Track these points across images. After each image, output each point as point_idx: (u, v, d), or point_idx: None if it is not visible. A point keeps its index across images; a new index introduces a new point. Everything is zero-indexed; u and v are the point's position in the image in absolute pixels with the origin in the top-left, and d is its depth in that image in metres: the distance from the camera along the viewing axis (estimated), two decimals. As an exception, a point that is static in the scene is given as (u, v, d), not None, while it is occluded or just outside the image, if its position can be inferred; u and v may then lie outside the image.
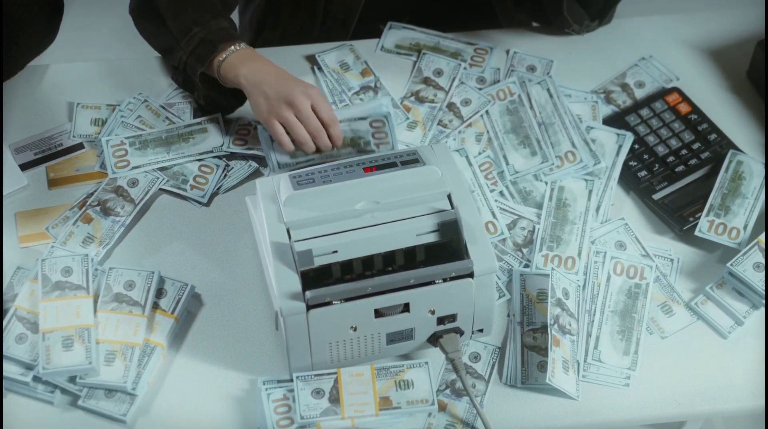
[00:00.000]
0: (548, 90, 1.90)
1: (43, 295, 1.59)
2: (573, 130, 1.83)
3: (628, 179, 1.81)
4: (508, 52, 2.01)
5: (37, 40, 1.93)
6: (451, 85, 1.93)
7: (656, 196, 1.78)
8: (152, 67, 1.97)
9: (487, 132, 1.86)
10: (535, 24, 2.11)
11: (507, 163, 1.81)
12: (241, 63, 1.74)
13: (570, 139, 1.82)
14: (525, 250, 1.72)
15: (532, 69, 1.97)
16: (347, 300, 1.48)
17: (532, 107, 1.88)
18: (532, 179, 1.80)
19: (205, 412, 1.55)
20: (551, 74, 1.95)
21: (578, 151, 1.81)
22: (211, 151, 1.81)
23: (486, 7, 2.10)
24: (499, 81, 1.94)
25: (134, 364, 1.55)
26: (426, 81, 1.95)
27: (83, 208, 1.74)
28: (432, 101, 1.91)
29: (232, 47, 1.76)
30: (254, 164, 1.82)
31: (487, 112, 1.88)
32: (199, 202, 1.78)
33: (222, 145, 1.82)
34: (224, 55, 1.76)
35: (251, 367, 1.59)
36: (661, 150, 1.84)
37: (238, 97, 1.83)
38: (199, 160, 1.81)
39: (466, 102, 1.90)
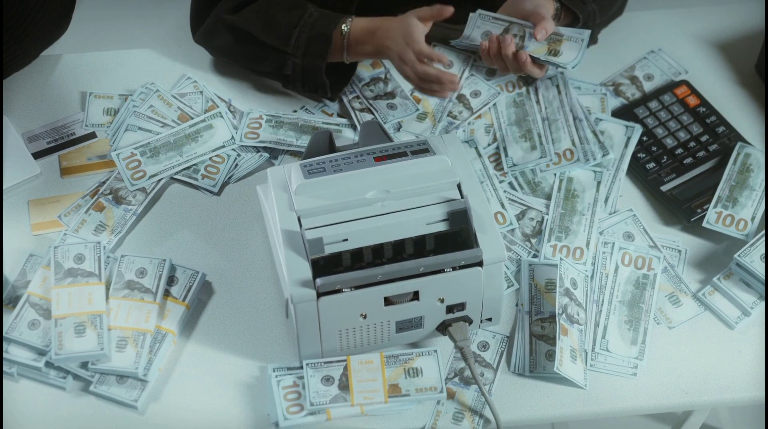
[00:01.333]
0: (557, 86, 1.91)
1: (56, 281, 1.60)
2: (576, 128, 1.84)
3: (637, 171, 1.82)
4: None
5: (49, 30, 1.93)
6: (460, 77, 1.94)
7: (664, 188, 1.79)
8: (164, 57, 1.98)
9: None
10: None
11: (506, 155, 1.82)
12: (364, 42, 1.81)
13: (571, 137, 1.83)
14: (533, 241, 1.73)
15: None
16: (357, 288, 1.49)
17: (538, 102, 1.89)
18: (540, 170, 1.81)
19: (216, 398, 1.56)
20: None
21: (577, 149, 1.81)
22: (223, 146, 1.82)
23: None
24: (508, 73, 1.95)
25: (146, 351, 1.56)
26: None
27: (95, 197, 1.76)
28: (442, 93, 1.91)
29: (342, 30, 1.79)
30: (265, 154, 1.83)
31: (494, 103, 1.89)
32: (210, 192, 1.79)
33: (232, 139, 1.83)
34: (344, 41, 1.80)
35: (261, 355, 1.60)
36: (669, 142, 1.85)
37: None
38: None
39: (476, 94, 1.91)
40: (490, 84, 1.91)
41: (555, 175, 1.80)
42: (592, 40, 1.94)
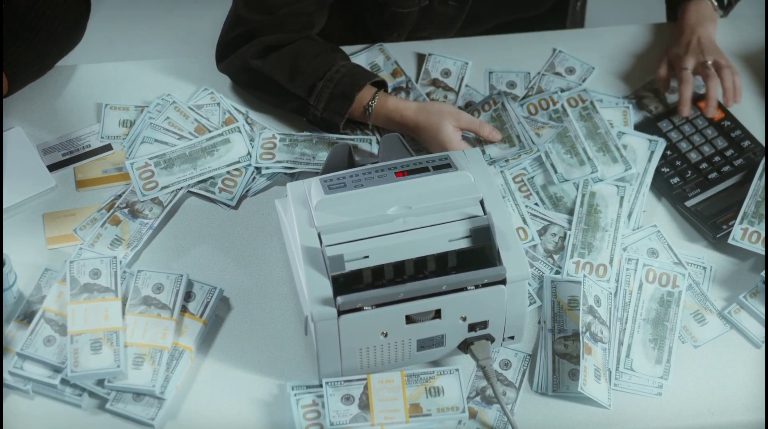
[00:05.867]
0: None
1: (72, 297, 1.58)
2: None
3: (661, 186, 1.80)
4: (554, 50, 2.00)
5: (64, 40, 1.92)
6: (459, 86, 1.93)
7: (689, 203, 1.77)
8: (180, 68, 1.96)
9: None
10: None
11: (555, 171, 1.78)
12: (389, 120, 1.83)
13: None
14: (556, 257, 1.71)
15: (571, 71, 1.96)
16: (378, 306, 1.47)
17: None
18: (561, 185, 1.78)
19: (234, 416, 1.54)
20: (585, 82, 1.94)
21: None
22: (238, 162, 1.80)
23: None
24: (532, 87, 1.93)
25: (162, 368, 1.54)
26: (435, 83, 1.94)
27: (111, 210, 1.74)
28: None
29: (369, 102, 1.81)
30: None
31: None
32: (228, 205, 1.77)
33: (248, 155, 1.80)
34: (369, 109, 1.82)
35: (280, 372, 1.58)
36: (693, 156, 1.83)
37: None
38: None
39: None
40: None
41: (577, 189, 1.77)
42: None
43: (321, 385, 1.52)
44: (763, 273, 1.65)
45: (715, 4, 1.95)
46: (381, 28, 1.99)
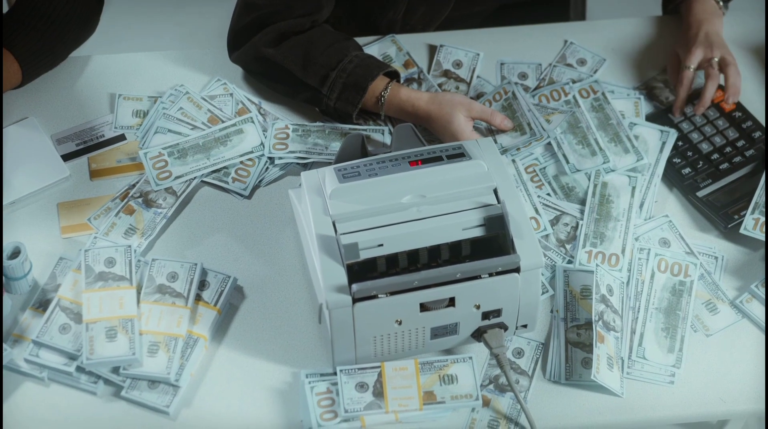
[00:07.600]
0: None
1: (87, 285, 1.59)
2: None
3: (672, 176, 1.80)
4: (565, 42, 2.00)
5: (78, 31, 1.92)
6: (471, 77, 1.93)
7: (700, 194, 1.77)
8: (194, 58, 1.97)
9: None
10: None
11: (567, 162, 1.79)
12: (401, 110, 1.83)
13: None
14: (568, 247, 1.71)
15: (582, 62, 1.97)
16: (393, 293, 1.47)
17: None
18: (573, 175, 1.79)
19: (248, 404, 1.55)
20: (597, 73, 1.95)
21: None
22: (251, 152, 1.81)
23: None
24: (544, 79, 1.94)
25: (177, 356, 1.55)
26: (446, 74, 1.95)
27: (125, 200, 1.74)
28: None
29: (382, 93, 1.82)
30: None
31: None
32: (241, 195, 1.77)
33: (261, 145, 1.81)
34: (381, 99, 1.82)
35: (294, 360, 1.59)
36: (705, 147, 1.83)
37: None
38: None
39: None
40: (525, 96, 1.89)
41: (589, 179, 1.77)
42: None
43: (335, 373, 1.53)
44: (774, 262, 1.66)
45: (721, 3, 1.96)
46: (376, 8, 1.99)
